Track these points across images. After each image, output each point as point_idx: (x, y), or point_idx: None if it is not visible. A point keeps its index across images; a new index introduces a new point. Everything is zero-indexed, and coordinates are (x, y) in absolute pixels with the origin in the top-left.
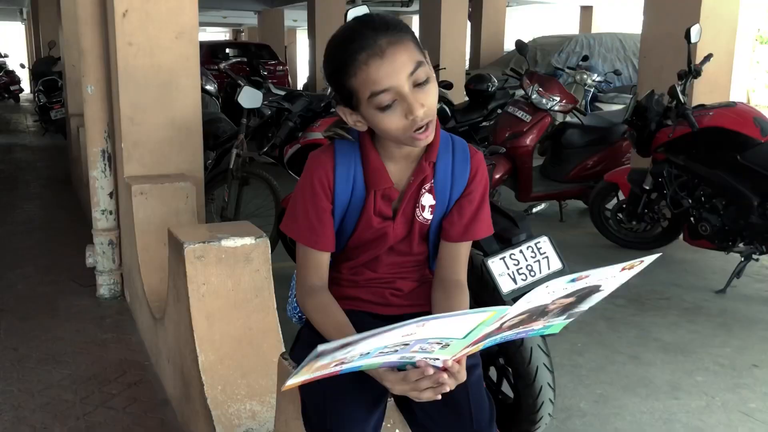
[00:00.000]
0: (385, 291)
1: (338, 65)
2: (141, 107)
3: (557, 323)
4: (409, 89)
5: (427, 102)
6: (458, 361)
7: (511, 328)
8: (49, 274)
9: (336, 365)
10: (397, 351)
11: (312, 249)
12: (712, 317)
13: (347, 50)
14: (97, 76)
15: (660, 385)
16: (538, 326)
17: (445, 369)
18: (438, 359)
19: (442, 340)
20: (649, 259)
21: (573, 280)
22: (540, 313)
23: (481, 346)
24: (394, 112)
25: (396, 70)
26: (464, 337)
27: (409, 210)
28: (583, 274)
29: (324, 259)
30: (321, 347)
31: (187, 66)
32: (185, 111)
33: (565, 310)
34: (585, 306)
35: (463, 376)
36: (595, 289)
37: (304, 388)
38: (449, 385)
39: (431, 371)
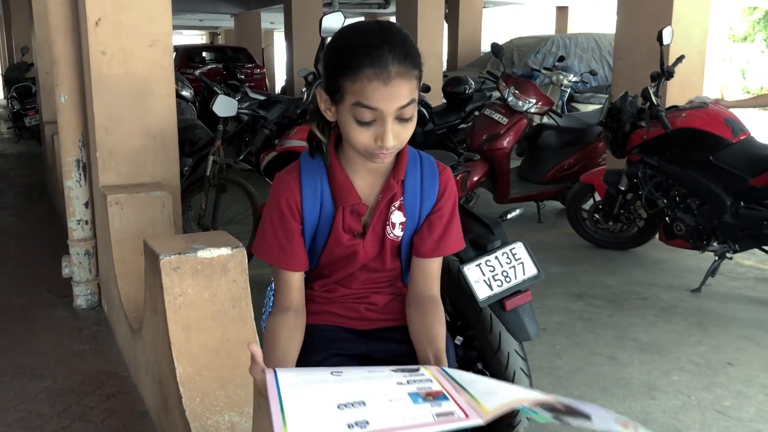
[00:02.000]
0: (359, 306)
1: (342, 64)
2: (115, 116)
3: None
4: (392, 119)
5: (401, 136)
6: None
7: None
8: (25, 285)
9: None
10: None
11: (283, 270)
12: (688, 316)
13: (357, 56)
14: (71, 85)
15: (637, 385)
16: None
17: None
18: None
19: None
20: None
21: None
22: None
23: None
24: (368, 130)
25: (391, 98)
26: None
27: (379, 227)
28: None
29: (295, 279)
30: None
31: (162, 74)
32: (160, 119)
33: None
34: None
35: None
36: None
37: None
38: None
39: None
